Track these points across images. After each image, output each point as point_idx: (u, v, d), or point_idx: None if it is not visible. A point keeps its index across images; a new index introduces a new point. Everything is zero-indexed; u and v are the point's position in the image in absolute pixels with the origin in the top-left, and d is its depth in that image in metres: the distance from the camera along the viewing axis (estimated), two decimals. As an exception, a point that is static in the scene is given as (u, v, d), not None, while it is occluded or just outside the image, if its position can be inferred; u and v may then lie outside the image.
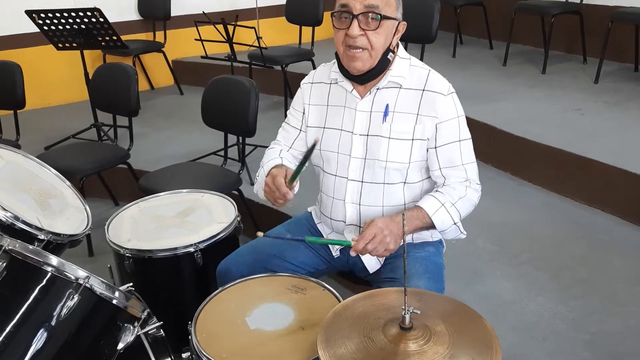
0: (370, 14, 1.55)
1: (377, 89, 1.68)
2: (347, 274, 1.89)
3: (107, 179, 3.46)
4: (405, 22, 1.66)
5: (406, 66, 1.68)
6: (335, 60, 1.75)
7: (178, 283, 2.00)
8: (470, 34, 5.46)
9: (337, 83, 1.74)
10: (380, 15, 1.56)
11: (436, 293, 1.46)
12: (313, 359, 1.37)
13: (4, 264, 1.25)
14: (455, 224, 1.66)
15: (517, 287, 2.36)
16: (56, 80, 4.82)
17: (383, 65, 1.65)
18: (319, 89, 1.79)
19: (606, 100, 3.68)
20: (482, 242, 2.68)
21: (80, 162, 2.99)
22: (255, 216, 2.94)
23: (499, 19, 4.99)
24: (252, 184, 3.20)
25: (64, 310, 1.24)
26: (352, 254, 1.56)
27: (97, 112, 3.76)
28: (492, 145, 3.34)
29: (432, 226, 1.64)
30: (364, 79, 1.67)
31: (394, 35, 1.64)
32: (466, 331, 1.29)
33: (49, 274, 1.27)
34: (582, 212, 2.90)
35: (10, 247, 1.27)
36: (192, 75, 5.19)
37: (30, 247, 1.29)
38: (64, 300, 1.25)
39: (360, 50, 1.59)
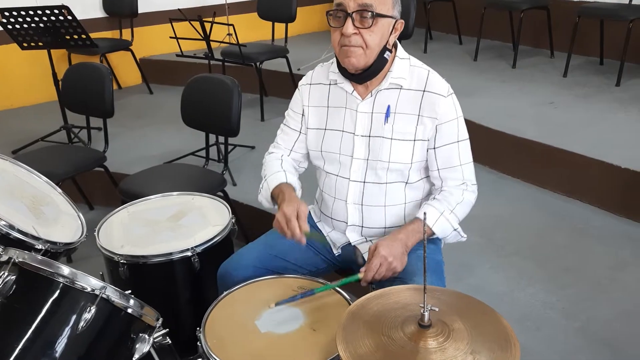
0: (364, 12, 1.54)
1: (378, 90, 1.67)
2: (349, 273, 1.88)
3: (80, 183, 3.35)
4: (402, 21, 1.66)
5: (406, 67, 1.68)
6: (332, 61, 1.74)
7: (175, 288, 1.95)
8: (439, 29, 5.53)
9: (336, 84, 1.72)
10: (375, 13, 1.55)
11: (448, 289, 1.47)
12: (329, 358, 1.36)
13: (14, 277, 1.19)
14: (455, 229, 1.70)
15: (506, 279, 2.41)
16: (20, 80, 4.64)
17: (380, 64, 1.64)
18: (318, 90, 1.77)
19: (576, 93, 3.79)
20: (468, 235, 2.71)
21: (54, 166, 2.87)
22: (240, 217, 2.89)
23: (468, 15, 5.07)
24: (235, 184, 3.17)
25: (81, 323, 1.18)
26: (363, 284, 1.59)
27: (66, 113, 3.64)
28: (469, 139, 3.39)
29: (432, 235, 1.68)
30: (362, 78, 1.66)
31: (390, 33, 1.63)
32: (483, 326, 1.30)
33: (62, 285, 1.21)
34: (561, 203, 2.98)
35: (20, 259, 1.20)
36: (160, 73, 5.08)
37: (39, 257, 1.22)
38: (78, 312, 1.19)
39: (355, 47, 1.58)
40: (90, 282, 1.23)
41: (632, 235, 2.66)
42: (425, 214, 1.23)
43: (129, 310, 1.29)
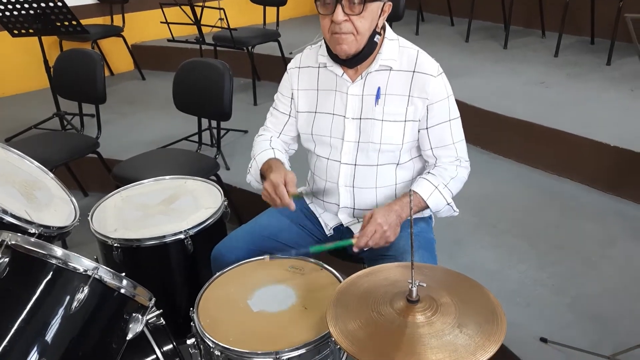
0: None
1: (368, 72, 1.67)
2: (340, 252, 1.91)
3: (74, 170, 3.36)
4: (390, 3, 1.66)
5: (395, 48, 1.68)
6: (321, 43, 1.74)
7: (169, 271, 1.98)
8: (430, 10, 5.51)
9: (326, 67, 1.73)
10: None
11: (437, 266, 1.50)
12: (321, 335, 1.38)
13: (7, 260, 1.21)
14: (448, 204, 1.71)
15: (498, 256, 2.44)
16: (12, 68, 4.62)
17: (371, 47, 1.64)
18: (308, 74, 1.78)
19: (568, 73, 3.80)
20: (461, 213, 2.73)
21: (48, 153, 2.88)
22: (233, 200, 2.91)
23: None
24: (228, 169, 3.18)
25: (74, 304, 1.20)
26: (355, 250, 1.60)
27: (58, 100, 3.64)
28: (461, 120, 3.41)
29: (426, 208, 1.69)
30: (353, 63, 1.66)
31: (379, 16, 1.63)
32: (470, 301, 1.33)
33: (55, 267, 1.23)
34: (552, 182, 3.01)
35: (12, 242, 1.22)
36: (152, 59, 5.07)
37: (32, 239, 1.24)
38: (72, 293, 1.21)
39: (346, 33, 1.58)
40: (82, 263, 1.25)
41: (622, 213, 2.70)
42: (411, 189, 1.25)
43: (122, 291, 1.31)
